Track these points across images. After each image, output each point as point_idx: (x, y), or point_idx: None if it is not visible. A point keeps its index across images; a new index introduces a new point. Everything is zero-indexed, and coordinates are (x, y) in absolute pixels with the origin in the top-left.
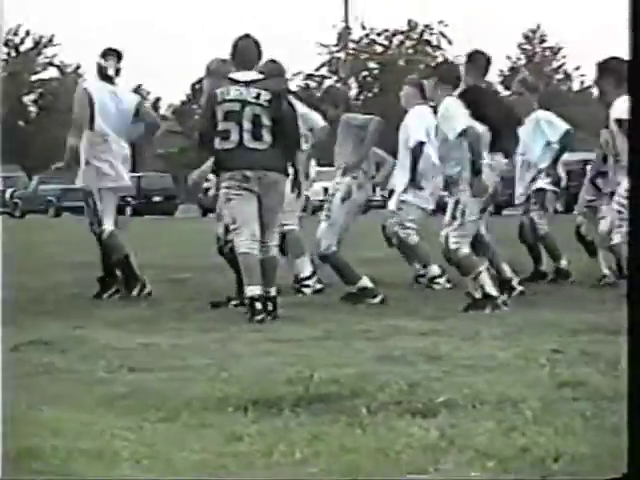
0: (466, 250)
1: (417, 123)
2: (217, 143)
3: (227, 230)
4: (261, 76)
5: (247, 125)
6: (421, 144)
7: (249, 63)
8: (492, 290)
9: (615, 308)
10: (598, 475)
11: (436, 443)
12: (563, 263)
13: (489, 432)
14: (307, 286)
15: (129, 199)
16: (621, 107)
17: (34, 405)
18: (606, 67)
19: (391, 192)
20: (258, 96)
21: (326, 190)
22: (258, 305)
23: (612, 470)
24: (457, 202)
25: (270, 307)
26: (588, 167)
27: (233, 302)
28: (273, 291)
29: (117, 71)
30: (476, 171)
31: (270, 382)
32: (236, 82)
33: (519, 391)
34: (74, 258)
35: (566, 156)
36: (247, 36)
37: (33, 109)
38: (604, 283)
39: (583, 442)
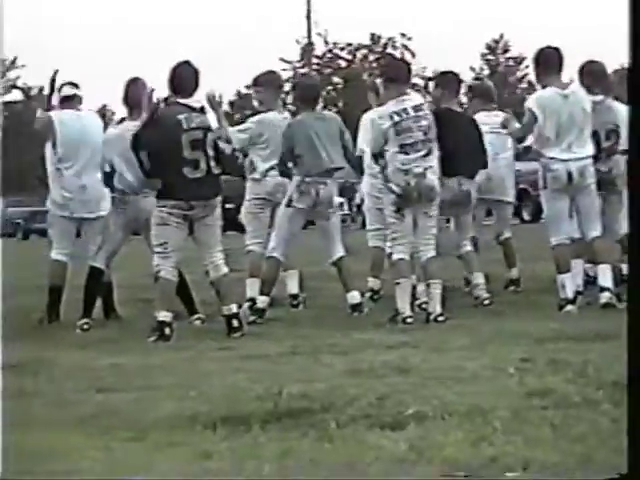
0: (396, 255)
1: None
2: (186, 172)
3: None
4: (203, 103)
5: (211, 152)
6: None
7: (192, 90)
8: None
9: (578, 317)
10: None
11: (405, 455)
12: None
13: (458, 443)
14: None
15: None
16: None
17: (4, 428)
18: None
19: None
20: (211, 123)
21: None
22: (167, 330)
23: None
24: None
25: (235, 324)
26: None
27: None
28: (234, 307)
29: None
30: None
31: (239, 399)
32: (192, 109)
33: (488, 401)
34: (41, 281)
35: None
36: (188, 63)
37: None
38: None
39: (551, 451)
